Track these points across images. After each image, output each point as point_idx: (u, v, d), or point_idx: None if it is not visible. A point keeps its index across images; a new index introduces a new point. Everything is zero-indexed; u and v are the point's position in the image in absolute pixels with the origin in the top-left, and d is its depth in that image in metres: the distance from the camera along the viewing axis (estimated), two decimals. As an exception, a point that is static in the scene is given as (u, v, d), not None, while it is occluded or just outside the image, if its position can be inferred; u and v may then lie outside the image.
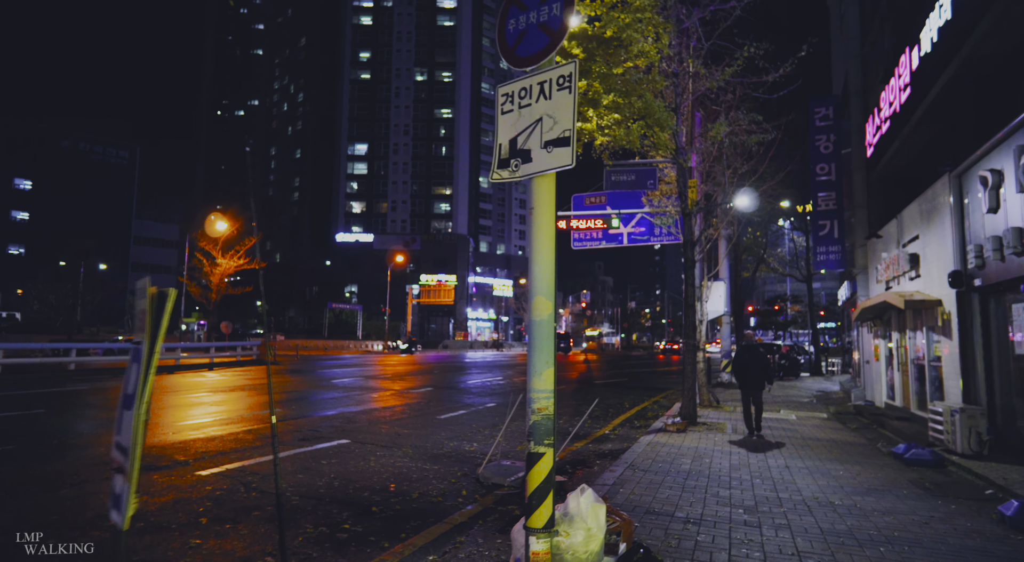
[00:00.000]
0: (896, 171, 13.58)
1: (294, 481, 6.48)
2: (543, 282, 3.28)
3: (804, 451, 8.97)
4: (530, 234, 3.34)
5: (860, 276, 16.11)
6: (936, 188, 10.10)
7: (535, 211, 3.33)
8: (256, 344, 26.81)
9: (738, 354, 10.44)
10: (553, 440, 3.22)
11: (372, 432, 9.88)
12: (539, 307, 3.26)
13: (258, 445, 8.37)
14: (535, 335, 3.27)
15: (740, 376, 10.23)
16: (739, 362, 10.31)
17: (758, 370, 10.11)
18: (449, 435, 9.91)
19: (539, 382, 3.23)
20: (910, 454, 8.09)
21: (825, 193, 17.03)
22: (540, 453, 3.21)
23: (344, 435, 9.46)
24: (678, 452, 8.46)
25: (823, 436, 10.52)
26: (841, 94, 18.12)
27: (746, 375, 10.16)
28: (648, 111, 9.81)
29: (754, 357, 10.19)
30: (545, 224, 3.31)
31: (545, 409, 3.23)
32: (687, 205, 10.97)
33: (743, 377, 10.19)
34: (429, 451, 8.54)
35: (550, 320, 3.25)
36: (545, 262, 3.28)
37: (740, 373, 10.23)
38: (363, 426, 10.44)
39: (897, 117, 11.66)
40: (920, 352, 11.31)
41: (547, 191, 3.33)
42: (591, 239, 24.40)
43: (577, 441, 9.94)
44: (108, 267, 68.17)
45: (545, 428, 3.22)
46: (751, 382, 10.13)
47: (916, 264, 10.96)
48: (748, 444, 9.43)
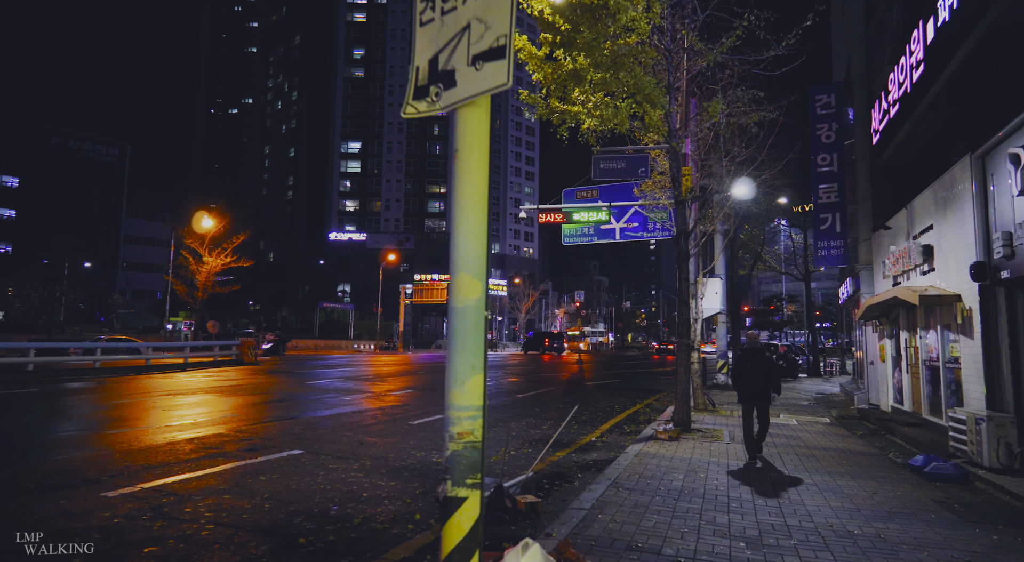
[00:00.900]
0: (904, 159, 12.68)
1: (217, 503, 5.53)
2: (470, 254, 2.34)
3: (810, 463, 8.05)
4: (452, 187, 2.39)
5: (864, 272, 15.21)
6: (954, 172, 9.19)
7: (460, 155, 2.39)
8: (235, 343, 25.78)
9: (739, 358, 8.39)
10: (481, 478, 2.29)
11: (333, 440, 8.92)
12: (463, 288, 2.32)
13: (193, 457, 7.40)
14: (457, 327, 2.33)
15: (741, 385, 8.31)
16: (740, 368, 8.32)
17: (764, 378, 8.19)
18: (419, 443, 8.97)
19: (461, 395, 2.30)
20: (931, 468, 7.18)
21: (827, 185, 16.11)
22: (461, 498, 2.27)
23: (299, 444, 8.50)
24: (669, 465, 7.52)
25: (829, 444, 9.60)
26: (843, 81, 17.23)
27: (748, 384, 8.23)
28: (638, 86, 8.88)
29: (759, 362, 8.21)
30: (473, 174, 2.36)
31: (469, 434, 2.29)
32: (680, 192, 10.04)
33: (745, 386, 8.27)
34: (390, 463, 7.59)
35: (479, 307, 2.32)
36: (473, 227, 2.35)
37: (741, 382, 8.31)
38: (325, 433, 9.48)
39: (908, 98, 10.75)
40: (933, 352, 10.40)
41: (476, 126, 2.39)
42: (582, 235, 23.58)
43: (560, 450, 9.01)
44: (97, 266, 67.00)
45: (469, 462, 2.29)
46: (754, 393, 8.20)
47: (930, 256, 10.04)
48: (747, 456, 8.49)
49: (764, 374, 8.21)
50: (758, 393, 8.22)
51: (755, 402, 8.23)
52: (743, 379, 8.27)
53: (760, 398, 8.24)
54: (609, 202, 18.83)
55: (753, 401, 8.24)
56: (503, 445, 9.15)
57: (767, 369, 8.24)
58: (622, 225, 22.46)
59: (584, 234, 23.13)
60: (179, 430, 9.35)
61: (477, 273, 2.31)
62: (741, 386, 8.29)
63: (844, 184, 16.08)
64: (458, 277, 2.33)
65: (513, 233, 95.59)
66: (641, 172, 12.07)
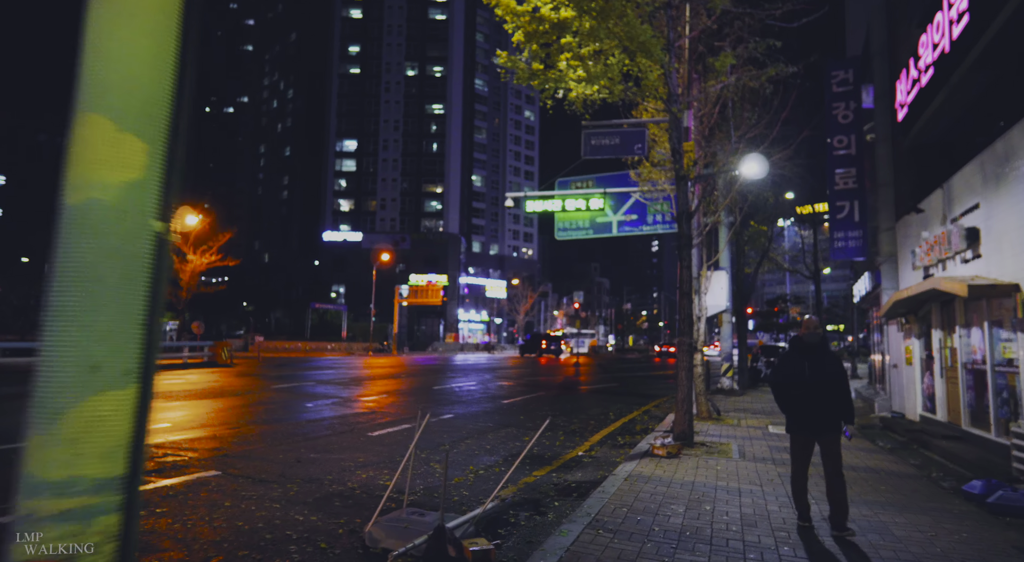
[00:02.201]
0: (936, 134, 11.21)
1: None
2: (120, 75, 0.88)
3: (840, 488, 6.56)
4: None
5: (885, 265, 13.74)
6: (1011, 139, 7.71)
7: None
8: (208, 345, 24.27)
9: (788, 359, 5.30)
10: None
11: (264, 457, 7.45)
12: (96, 156, 0.87)
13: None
14: (72, 259, 0.89)
15: (792, 404, 5.17)
16: (789, 375, 5.18)
17: (830, 393, 5.03)
18: (370, 459, 7.51)
19: (62, 448, 0.84)
20: (997, 498, 5.69)
21: (843, 169, 14.63)
22: None
23: (220, 463, 7.04)
24: (667, 493, 6.04)
25: (857, 462, 8.11)
26: (860, 56, 15.77)
27: (805, 402, 5.07)
28: (631, 35, 7.42)
29: (822, 365, 5.08)
30: None
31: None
32: (682, 166, 8.58)
33: (798, 406, 5.12)
34: (324, 488, 6.13)
35: (139, 208, 0.87)
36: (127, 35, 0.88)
37: (791, 398, 5.17)
38: (259, 449, 8.01)
39: (945, 60, 9.30)
40: (977, 354, 8.92)
41: None
42: (577, 229, 22.10)
43: (539, 468, 7.55)
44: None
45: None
46: (816, 418, 5.06)
47: (975, 240, 8.56)
48: (765, 479, 7.01)
49: (831, 386, 5.01)
50: (822, 418, 5.02)
51: (816, 433, 5.06)
52: (795, 393, 5.11)
53: (824, 426, 5.03)
54: (604, 188, 17.39)
55: (813, 431, 5.07)
56: (472, 462, 7.70)
57: (835, 378, 5.03)
58: (620, 217, 20.98)
59: (579, 228, 21.68)
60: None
61: (139, 120, 0.86)
62: (792, 405, 5.15)
63: (863, 169, 14.61)
64: (88, 126, 0.88)
65: (512, 234, 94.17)
66: (638, 149, 10.61)
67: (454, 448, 8.67)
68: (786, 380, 5.20)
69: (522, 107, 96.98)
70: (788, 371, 5.20)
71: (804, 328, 5.32)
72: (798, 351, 5.24)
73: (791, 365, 5.20)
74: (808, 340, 5.23)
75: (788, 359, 5.30)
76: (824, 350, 5.19)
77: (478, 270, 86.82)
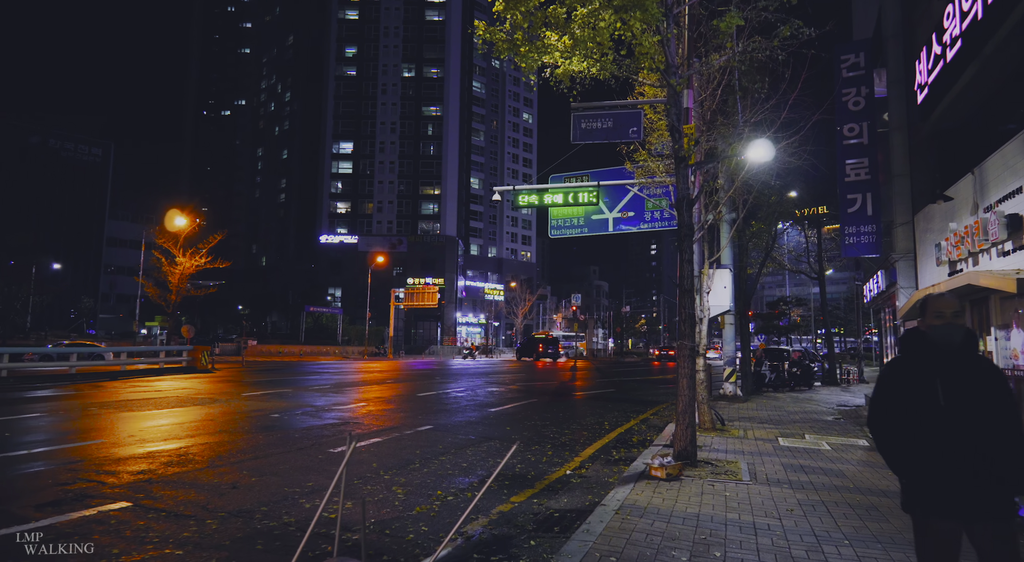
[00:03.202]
0: (960, 117, 10.19)
1: None
2: None
3: (876, 525, 5.45)
4: None
5: (901, 262, 12.70)
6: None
7: None
8: (187, 349, 23.17)
9: (899, 369, 2.78)
10: None
11: (195, 482, 6.39)
12: None
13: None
14: None
15: (914, 456, 2.63)
16: (905, 398, 2.68)
17: (991, 430, 2.54)
18: (321, 484, 6.44)
19: None
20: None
21: (855, 160, 13.61)
22: None
23: (138, 490, 5.98)
24: (666, 531, 4.97)
25: (886, 486, 7.01)
26: (872, 39, 14.76)
27: (945, 450, 2.56)
28: (622, -9, 6.39)
29: (968, 378, 2.61)
30: None
31: None
32: (681, 146, 7.54)
33: (929, 460, 2.59)
34: (250, 524, 5.07)
35: None
36: None
37: (915, 445, 2.63)
38: (194, 471, 6.94)
39: (976, 28, 8.28)
40: (1019, 359, 7.86)
41: None
42: (572, 226, 21.05)
43: (518, 491, 6.48)
44: (72, 268, 64.66)
45: None
46: (968, 478, 2.52)
47: (1018, 229, 7.51)
48: (783, 509, 5.94)
49: (989, 422, 2.55)
50: (977, 484, 2.51)
51: (968, 514, 2.53)
52: (922, 440, 2.63)
53: (983, 500, 2.51)
54: (598, 181, 16.40)
55: (961, 511, 2.53)
56: (442, 485, 6.63)
57: (998, 407, 2.58)
58: (616, 214, 19.94)
59: (574, 225, 20.67)
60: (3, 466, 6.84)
61: None
62: (913, 461, 2.66)
63: (876, 160, 13.59)
64: None
65: (510, 236, 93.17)
66: (633, 133, 9.57)
67: (424, 466, 7.61)
68: (900, 413, 2.70)
69: (520, 109, 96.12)
70: (904, 398, 2.70)
71: (931, 315, 2.70)
72: (922, 360, 2.72)
73: (909, 386, 2.70)
74: (942, 338, 2.68)
75: (900, 375, 2.76)
76: (972, 357, 2.69)
77: (476, 273, 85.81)
